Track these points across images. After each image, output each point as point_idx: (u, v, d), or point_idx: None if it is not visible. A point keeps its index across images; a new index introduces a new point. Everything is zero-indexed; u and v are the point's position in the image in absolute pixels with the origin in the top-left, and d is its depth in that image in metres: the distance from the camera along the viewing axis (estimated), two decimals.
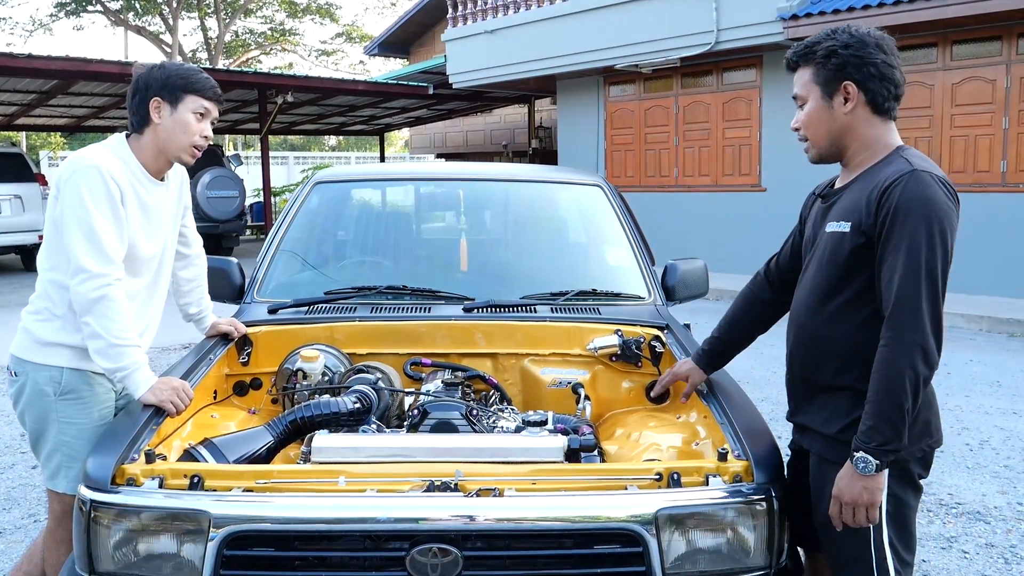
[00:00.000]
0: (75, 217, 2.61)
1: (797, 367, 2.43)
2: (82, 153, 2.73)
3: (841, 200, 2.30)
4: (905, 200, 2.09)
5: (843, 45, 2.21)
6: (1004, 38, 10.56)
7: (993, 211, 10.71)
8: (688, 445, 2.73)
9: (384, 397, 2.97)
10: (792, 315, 2.48)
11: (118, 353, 2.61)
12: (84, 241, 2.60)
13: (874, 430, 2.09)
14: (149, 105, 2.76)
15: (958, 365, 7.87)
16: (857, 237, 2.19)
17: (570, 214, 4.54)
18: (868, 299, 2.22)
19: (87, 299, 2.58)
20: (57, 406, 2.73)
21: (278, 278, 3.82)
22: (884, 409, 2.08)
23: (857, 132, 2.26)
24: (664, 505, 2.15)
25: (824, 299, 2.30)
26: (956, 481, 4.95)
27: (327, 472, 2.28)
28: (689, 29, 12.81)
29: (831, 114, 2.26)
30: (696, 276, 3.94)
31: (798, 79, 2.32)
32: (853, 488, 2.13)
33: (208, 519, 2.11)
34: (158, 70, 2.79)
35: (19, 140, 32.12)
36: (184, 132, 2.78)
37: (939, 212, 2.09)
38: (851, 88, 2.22)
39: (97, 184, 2.63)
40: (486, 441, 2.53)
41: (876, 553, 2.20)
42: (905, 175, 2.12)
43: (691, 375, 2.82)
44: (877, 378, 2.10)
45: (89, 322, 2.60)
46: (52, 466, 2.75)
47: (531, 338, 3.38)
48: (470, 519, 2.11)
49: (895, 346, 2.08)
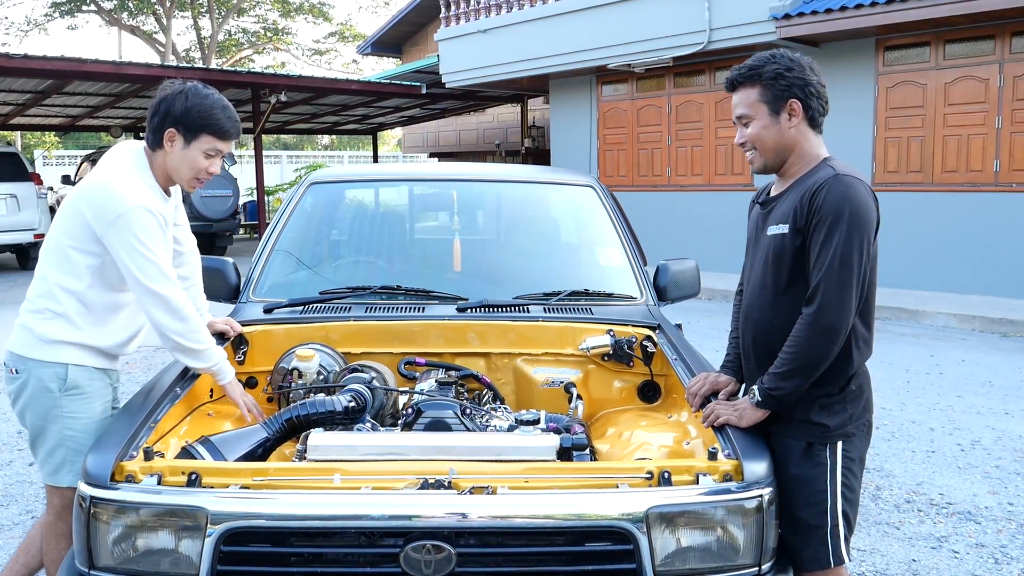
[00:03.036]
0: (134, 255, 2.72)
1: (754, 357, 2.66)
2: (122, 189, 2.74)
3: (779, 206, 2.57)
4: (830, 201, 2.38)
5: (787, 68, 2.48)
6: (997, 37, 10.60)
7: (986, 211, 10.78)
8: (679, 444, 2.77)
9: (378, 396, 3.01)
10: (745, 311, 2.71)
11: (208, 355, 2.87)
12: (154, 273, 2.75)
13: (774, 378, 2.45)
14: (164, 132, 2.79)
15: (950, 365, 7.91)
16: (795, 238, 2.46)
17: (563, 215, 4.57)
18: None
19: (170, 319, 2.79)
20: (62, 402, 2.78)
21: (273, 278, 3.85)
22: (787, 368, 2.42)
23: (798, 144, 2.54)
24: (654, 503, 2.17)
25: (774, 295, 2.55)
26: (947, 481, 4.99)
27: (322, 470, 2.31)
28: (681, 29, 12.84)
29: (778, 129, 2.52)
30: (688, 276, 3.98)
31: (743, 99, 2.56)
32: (740, 404, 2.54)
33: (205, 515, 2.13)
34: (181, 99, 2.78)
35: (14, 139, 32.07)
36: (191, 168, 2.84)
37: (857, 211, 2.37)
38: (796, 106, 2.50)
39: (149, 224, 2.74)
40: (479, 440, 2.56)
41: (831, 520, 2.45)
42: (830, 179, 2.41)
43: (730, 384, 2.84)
44: (791, 343, 2.42)
45: (176, 337, 2.81)
46: (55, 461, 2.79)
47: (524, 338, 3.41)
48: (463, 516, 2.14)
49: (812, 323, 2.38)
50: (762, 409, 2.50)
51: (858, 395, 2.51)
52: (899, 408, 6.49)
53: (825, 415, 2.47)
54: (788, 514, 2.45)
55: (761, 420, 2.51)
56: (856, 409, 2.51)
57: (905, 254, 11.20)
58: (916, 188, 11.25)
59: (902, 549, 4.09)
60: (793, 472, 2.47)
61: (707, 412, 2.60)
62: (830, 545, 2.46)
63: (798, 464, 2.47)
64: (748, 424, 2.50)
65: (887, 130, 11.63)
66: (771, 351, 2.53)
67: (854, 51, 11.75)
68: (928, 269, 11.18)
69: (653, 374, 3.34)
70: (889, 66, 11.58)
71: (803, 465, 2.47)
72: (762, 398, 2.47)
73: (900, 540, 4.19)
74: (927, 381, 7.31)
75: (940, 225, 11.10)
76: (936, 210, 11.11)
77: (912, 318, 10.16)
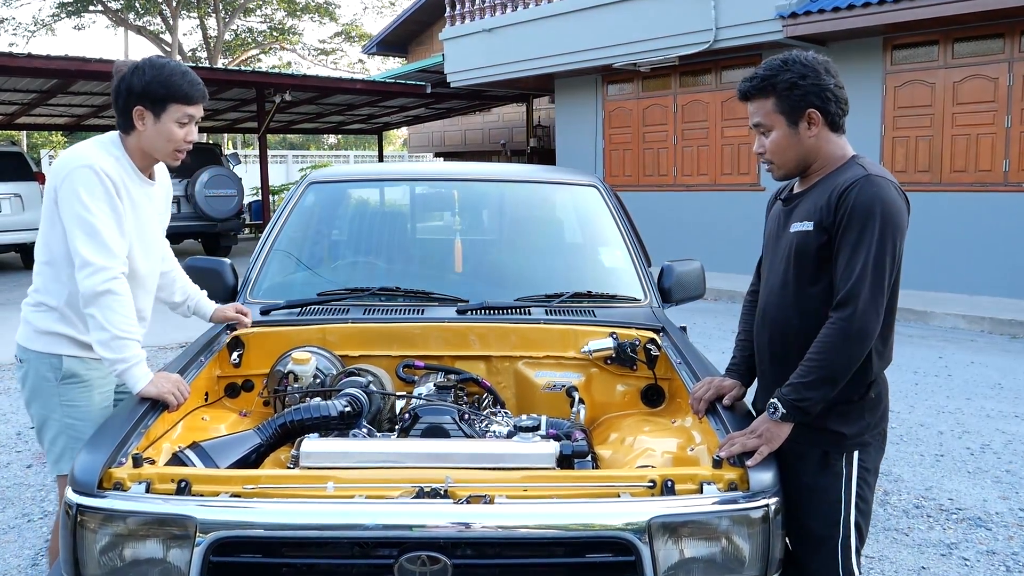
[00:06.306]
0: (75, 216, 2.65)
1: (767, 359, 2.58)
2: (74, 151, 2.74)
3: (803, 203, 2.48)
4: (861, 201, 2.28)
5: (801, 76, 2.38)
6: (1007, 35, 10.51)
7: (995, 211, 10.69)
8: (683, 450, 2.70)
9: (375, 400, 2.94)
10: (762, 309, 2.60)
11: (121, 345, 2.64)
12: (86, 238, 2.64)
13: (799, 388, 2.29)
14: (132, 113, 2.74)
15: (959, 367, 7.83)
16: (820, 235, 2.36)
17: (566, 215, 4.51)
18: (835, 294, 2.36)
19: (92, 292, 2.63)
20: (60, 390, 2.79)
21: (271, 279, 3.80)
22: (815, 376, 2.28)
23: (821, 150, 2.45)
24: (657, 513, 2.10)
25: (795, 294, 2.45)
26: (956, 486, 4.91)
27: (315, 478, 2.25)
28: (687, 27, 12.77)
29: (798, 139, 2.43)
30: (693, 278, 3.91)
31: (758, 109, 2.46)
32: (761, 426, 2.32)
33: (195, 525, 2.07)
34: (138, 75, 2.73)
35: (20, 139, 32.13)
36: (168, 140, 2.79)
37: (890, 212, 2.28)
38: (815, 115, 2.41)
39: (92, 182, 2.66)
40: (477, 447, 2.49)
41: (843, 531, 2.37)
42: (861, 179, 2.32)
43: (735, 388, 2.73)
44: (818, 349, 2.29)
45: (94, 314, 2.64)
46: (57, 450, 2.80)
47: (525, 340, 3.35)
48: (460, 526, 2.07)
49: (843, 329, 2.26)
50: (787, 423, 2.33)
51: (876, 403, 2.42)
52: (907, 411, 6.41)
53: (842, 423, 2.38)
54: (797, 524, 2.38)
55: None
56: (873, 418, 2.42)
57: (913, 255, 11.04)
58: (924, 188, 11.14)
59: (911, 556, 4.02)
60: (806, 481, 2.39)
61: (728, 444, 2.33)
62: (840, 557, 2.38)
63: (812, 473, 2.40)
64: (777, 444, 2.31)
65: (895, 129, 11.54)
66: (787, 352, 2.44)
67: (862, 50, 11.66)
68: (936, 270, 11.08)
69: (657, 378, 3.27)
70: (897, 65, 11.50)
71: (817, 474, 2.39)
72: (787, 410, 2.31)
73: (909, 547, 4.11)
74: (935, 383, 7.23)
75: (948, 225, 11.00)
76: (944, 210, 11.01)
77: (920, 319, 10.07)
